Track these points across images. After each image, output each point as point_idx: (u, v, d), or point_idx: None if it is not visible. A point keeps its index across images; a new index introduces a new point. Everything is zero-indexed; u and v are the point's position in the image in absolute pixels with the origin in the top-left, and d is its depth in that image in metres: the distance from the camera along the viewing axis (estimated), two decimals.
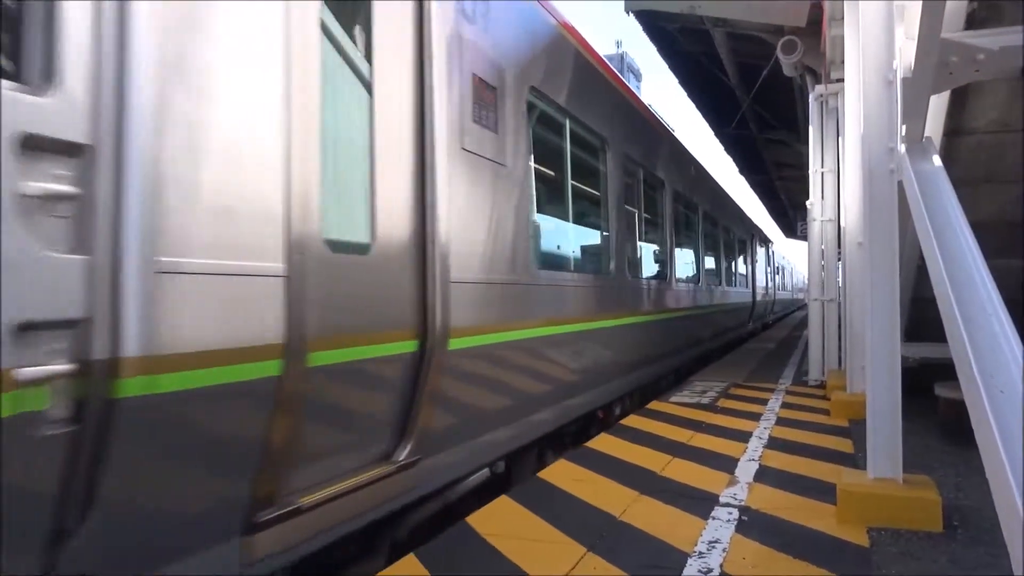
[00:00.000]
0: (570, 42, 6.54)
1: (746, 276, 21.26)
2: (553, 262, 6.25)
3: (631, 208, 8.62)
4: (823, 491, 4.58)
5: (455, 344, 4.18)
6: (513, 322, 5.09)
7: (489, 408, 4.91)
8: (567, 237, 6.68)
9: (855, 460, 5.44)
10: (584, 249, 7.19)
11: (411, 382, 3.92)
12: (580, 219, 7.02)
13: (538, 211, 5.81)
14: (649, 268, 10.02)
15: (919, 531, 3.86)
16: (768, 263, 28.73)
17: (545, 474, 5.14)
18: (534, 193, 5.62)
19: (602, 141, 7.40)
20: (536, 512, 4.27)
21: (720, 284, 15.60)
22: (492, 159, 4.79)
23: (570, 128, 6.56)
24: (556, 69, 6.12)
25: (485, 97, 4.69)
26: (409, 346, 3.85)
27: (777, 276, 33.30)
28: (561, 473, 5.18)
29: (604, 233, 7.60)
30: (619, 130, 7.91)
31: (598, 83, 7.38)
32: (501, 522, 4.11)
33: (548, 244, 6.23)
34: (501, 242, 4.88)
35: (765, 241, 27.90)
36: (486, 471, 5.08)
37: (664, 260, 10.66)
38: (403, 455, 3.84)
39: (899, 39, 4.47)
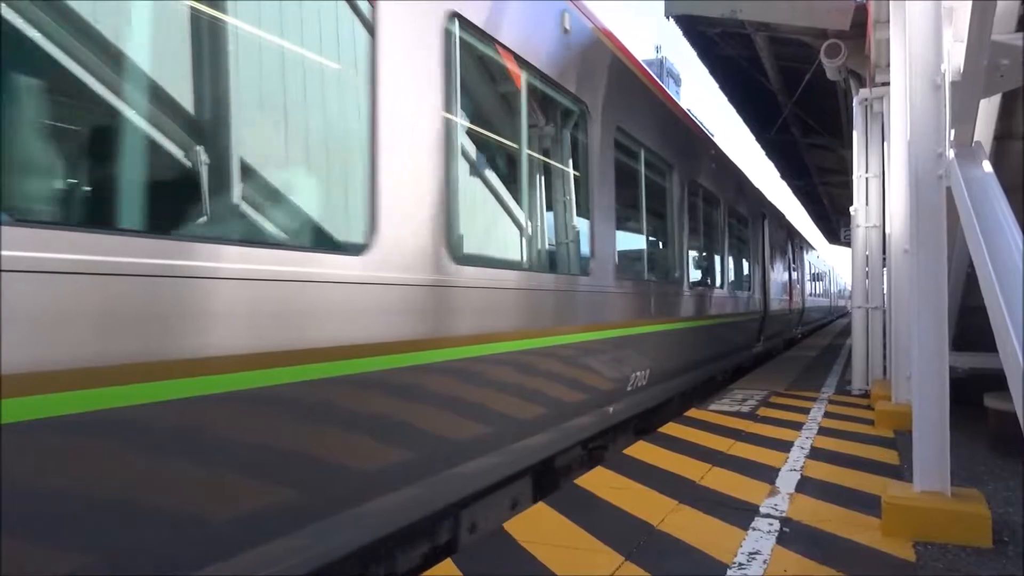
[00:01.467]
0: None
1: (751, 280, 14.29)
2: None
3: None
4: (867, 503, 4.48)
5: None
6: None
7: None
8: None
9: (900, 472, 5.31)
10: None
11: None
12: None
13: None
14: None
15: (967, 546, 3.75)
16: (795, 266, 22.30)
17: (583, 482, 5.12)
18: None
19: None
20: (574, 520, 4.25)
21: (688, 288, 9.12)
22: None
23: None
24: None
25: None
26: None
27: (815, 282, 30.23)
28: (599, 481, 5.15)
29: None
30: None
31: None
32: (538, 529, 4.10)
33: None
34: None
35: (789, 239, 21.14)
36: None
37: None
38: None
39: (947, 41, 4.37)
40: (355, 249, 3.32)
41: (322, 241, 3.35)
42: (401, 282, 3.56)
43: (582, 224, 5.94)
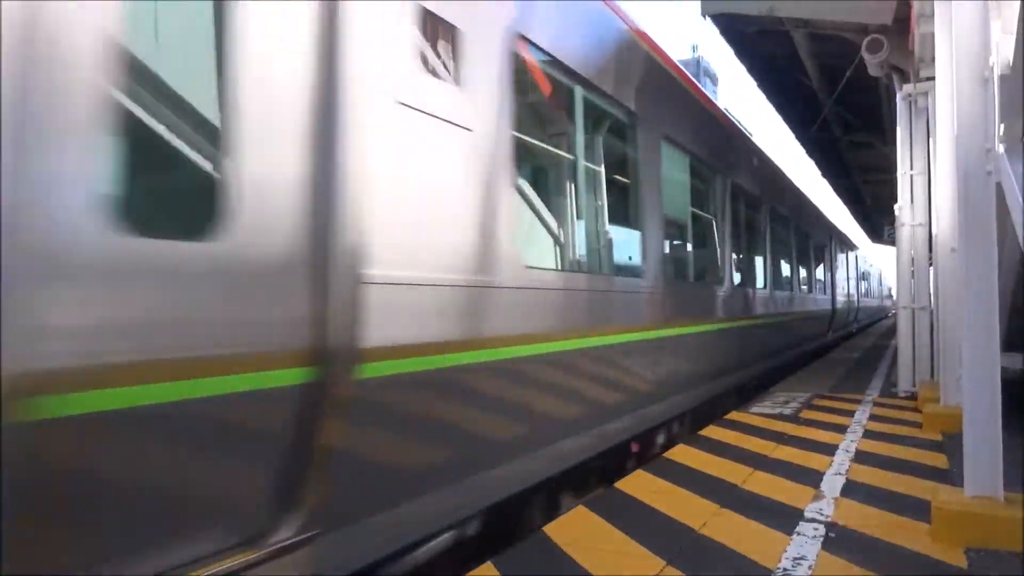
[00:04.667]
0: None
1: None
2: None
3: None
4: (916, 508, 4.37)
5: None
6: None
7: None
8: None
9: (950, 476, 5.18)
10: None
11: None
12: None
13: None
14: None
15: (1021, 553, 3.64)
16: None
17: (623, 485, 5.09)
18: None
19: None
20: (613, 523, 4.22)
21: None
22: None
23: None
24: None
25: None
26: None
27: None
28: (639, 484, 5.11)
29: None
30: None
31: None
32: (578, 532, 4.08)
33: None
34: None
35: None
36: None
37: None
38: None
39: (995, 34, 4.26)
40: None
41: None
42: None
43: None
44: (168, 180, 2.82)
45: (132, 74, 2.30)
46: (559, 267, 5.27)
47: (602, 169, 5.92)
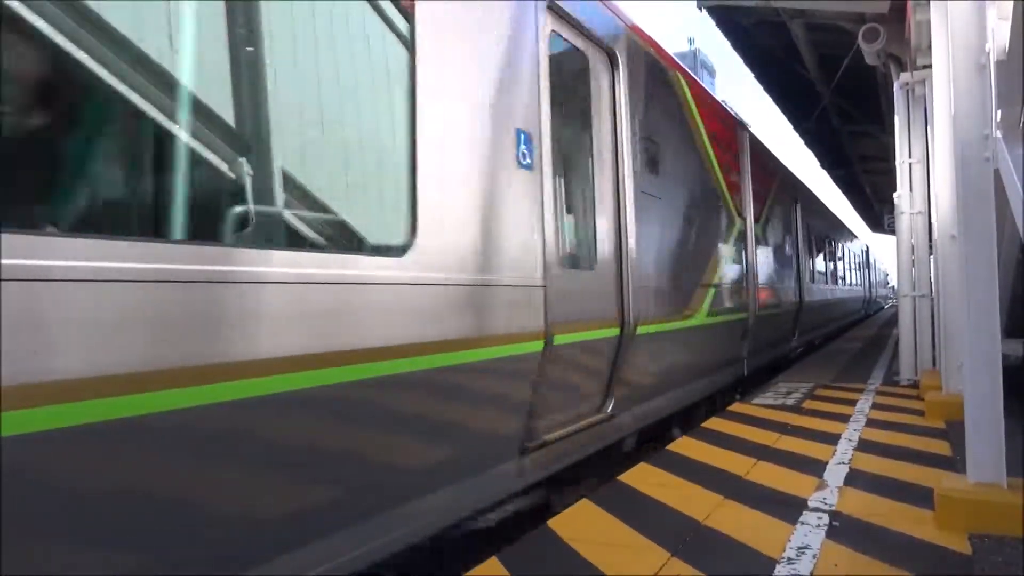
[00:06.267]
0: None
1: None
2: None
3: None
4: (919, 496, 4.38)
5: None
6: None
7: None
8: None
9: (953, 464, 5.19)
10: None
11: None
12: None
13: None
14: None
15: None
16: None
17: (626, 478, 5.10)
18: None
19: None
20: (618, 516, 4.23)
21: None
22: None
23: None
24: None
25: None
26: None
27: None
28: (643, 477, 5.12)
29: None
30: None
31: None
32: (583, 526, 4.09)
33: None
34: None
35: None
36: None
37: None
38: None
39: (991, 20, 4.26)
40: None
41: None
42: None
43: None
44: None
45: None
46: None
47: None
